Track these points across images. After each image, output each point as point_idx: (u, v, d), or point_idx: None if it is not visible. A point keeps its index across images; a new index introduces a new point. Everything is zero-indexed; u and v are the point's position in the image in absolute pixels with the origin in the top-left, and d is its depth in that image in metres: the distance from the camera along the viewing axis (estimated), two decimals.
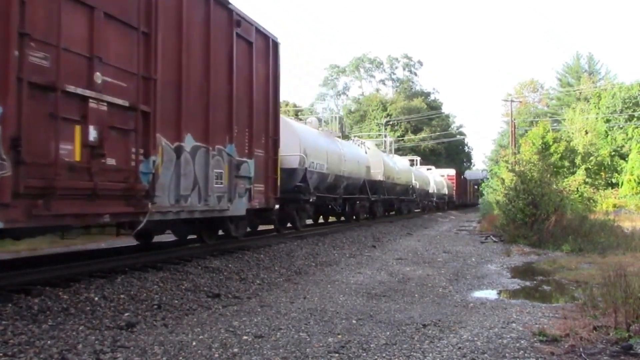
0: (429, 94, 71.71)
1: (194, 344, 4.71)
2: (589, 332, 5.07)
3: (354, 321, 5.75)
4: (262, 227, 13.81)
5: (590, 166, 39.02)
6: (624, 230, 15.98)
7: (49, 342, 4.46)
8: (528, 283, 9.15)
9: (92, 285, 6.25)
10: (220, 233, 10.54)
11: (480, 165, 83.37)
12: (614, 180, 42.92)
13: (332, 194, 16.93)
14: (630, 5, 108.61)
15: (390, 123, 59.79)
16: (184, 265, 8.01)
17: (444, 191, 42.30)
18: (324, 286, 7.97)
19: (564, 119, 50.27)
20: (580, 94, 58.90)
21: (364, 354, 4.54)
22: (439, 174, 43.24)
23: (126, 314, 5.61)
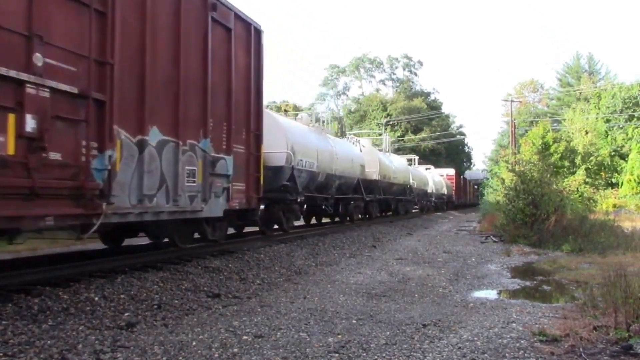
0: (429, 94, 71.79)
1: (194, 343, 4.71)
2: (589, 332, 5.07)
3: (354, 321, 5.75)
4: (250, 229, 13.21)
5: (590, 166, 39.06)
6: (624, 230, 16.01)
7: (49, 342, 4.46)
8: (528, 283, 9.15)
9: (92, 285, 6.25)
10: (198, 236, 9.74)
11: (480, 165, 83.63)
12: (614, 180, 42.98)
13: (324, 193, 16.16)
14: (630, 5, 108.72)
15: (390, 123, 59.80)
16: (184, 265, 8.01)
17: (443, 191, 41.86)
18: (324, 286, 7.97)
19: (564, 119, 50.29)
20: (580, 94, 58.95)
21: (364, 354, 4.54)
22: (438, 173, 42.88)
23: (126, 314, 5.62)
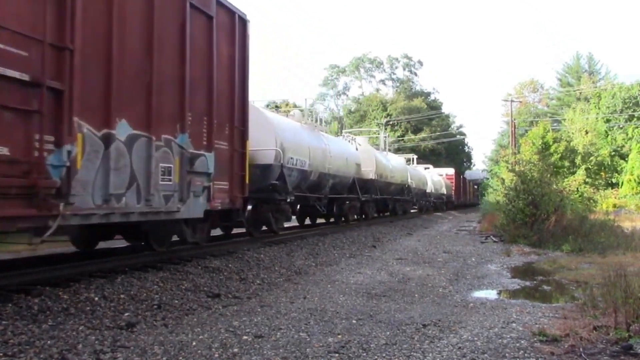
0: (429, 94, 71.78)
1: (194, 343, 4.71)
2: (589, 332, 5.07)
3: (354, 321, 5.75)
4: (238, 231, 12.50)
5: (590, 166, 39.08)
6: (624, 230, 16.02)
7: (49, 342, 4.46)
8: (528, 283, 9.15)
9: (92, 285, 6.25)
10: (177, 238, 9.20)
11: (480, 165, 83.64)
12: (614, 180, 43.02)
13: (316, 193, 15.47)
14: (630, 5, 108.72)
15: (390, 123, 59.79)
16: (184, 265, 8.01)
17: (443, 191, 41.57)
18: (324, 286, 7.97)
19: (564, 119, 50.34)
20: (580, 94, 58.99)
21: (364, 354, 4.54)
22: (437, 173, 42.57)
23: (126, 314, 5.62)
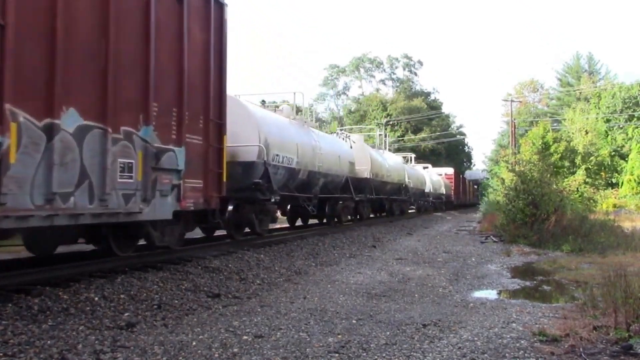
0: (429, 93, 71.81)
1: (194, 344, 4.71)
2: (589, 332, 5.07)
3: (354, 321, 5.75)
4: (220, 232, 12.06)
5: (590, 166, 39.05)
6: (624, 230, 16.01)
7: (49, 342, 4.46)
8: (528, 283, 9.15)
9: (92, 285, 6.25)
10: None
11: (480, 165, 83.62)
12: (614, 180, 43.02)
13: (306, 193, 14.62)
14: (630, 5, 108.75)
15: (390, 123, 59.80)
16: (184, 265, 8.01)
17: (442, 191, 41.33)
18: (324, 286, 7.97)
19: (564, 119, 50.31)
20: (580, 94, 58.99)
21: (364, 354, 4.54)
22: (437, 172, 42.34)
23: (126, 314, 5.62)
